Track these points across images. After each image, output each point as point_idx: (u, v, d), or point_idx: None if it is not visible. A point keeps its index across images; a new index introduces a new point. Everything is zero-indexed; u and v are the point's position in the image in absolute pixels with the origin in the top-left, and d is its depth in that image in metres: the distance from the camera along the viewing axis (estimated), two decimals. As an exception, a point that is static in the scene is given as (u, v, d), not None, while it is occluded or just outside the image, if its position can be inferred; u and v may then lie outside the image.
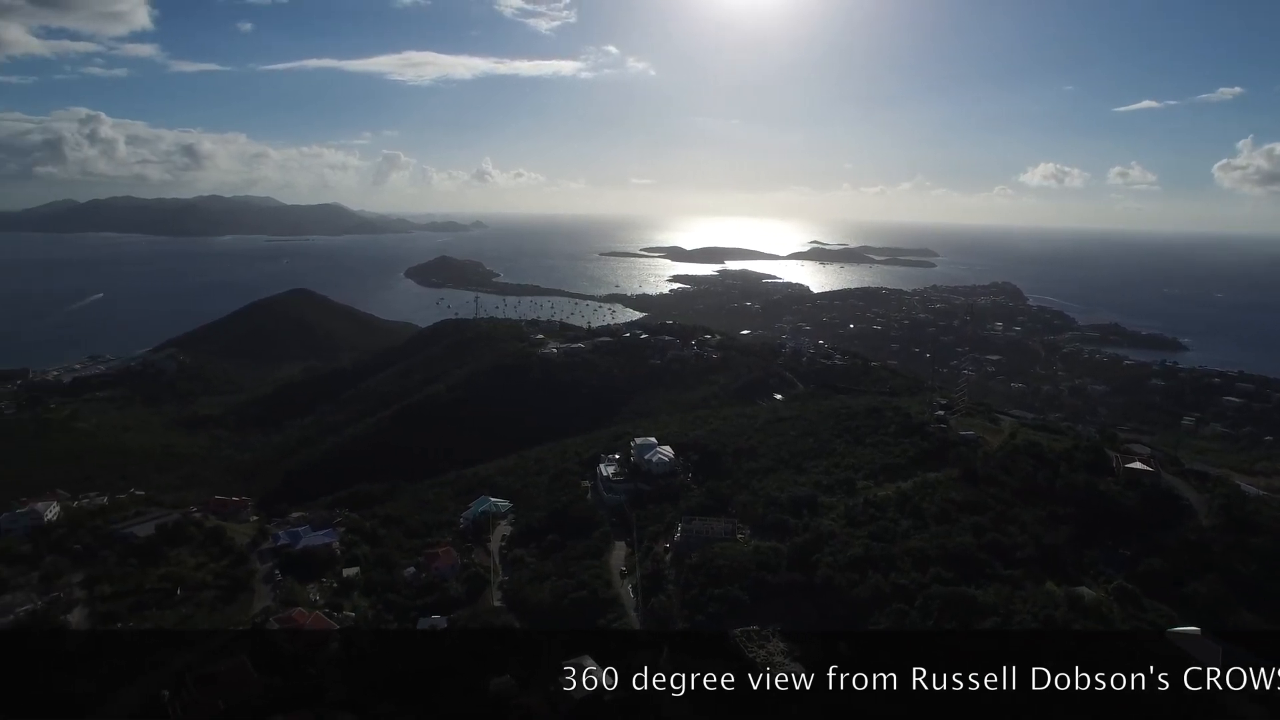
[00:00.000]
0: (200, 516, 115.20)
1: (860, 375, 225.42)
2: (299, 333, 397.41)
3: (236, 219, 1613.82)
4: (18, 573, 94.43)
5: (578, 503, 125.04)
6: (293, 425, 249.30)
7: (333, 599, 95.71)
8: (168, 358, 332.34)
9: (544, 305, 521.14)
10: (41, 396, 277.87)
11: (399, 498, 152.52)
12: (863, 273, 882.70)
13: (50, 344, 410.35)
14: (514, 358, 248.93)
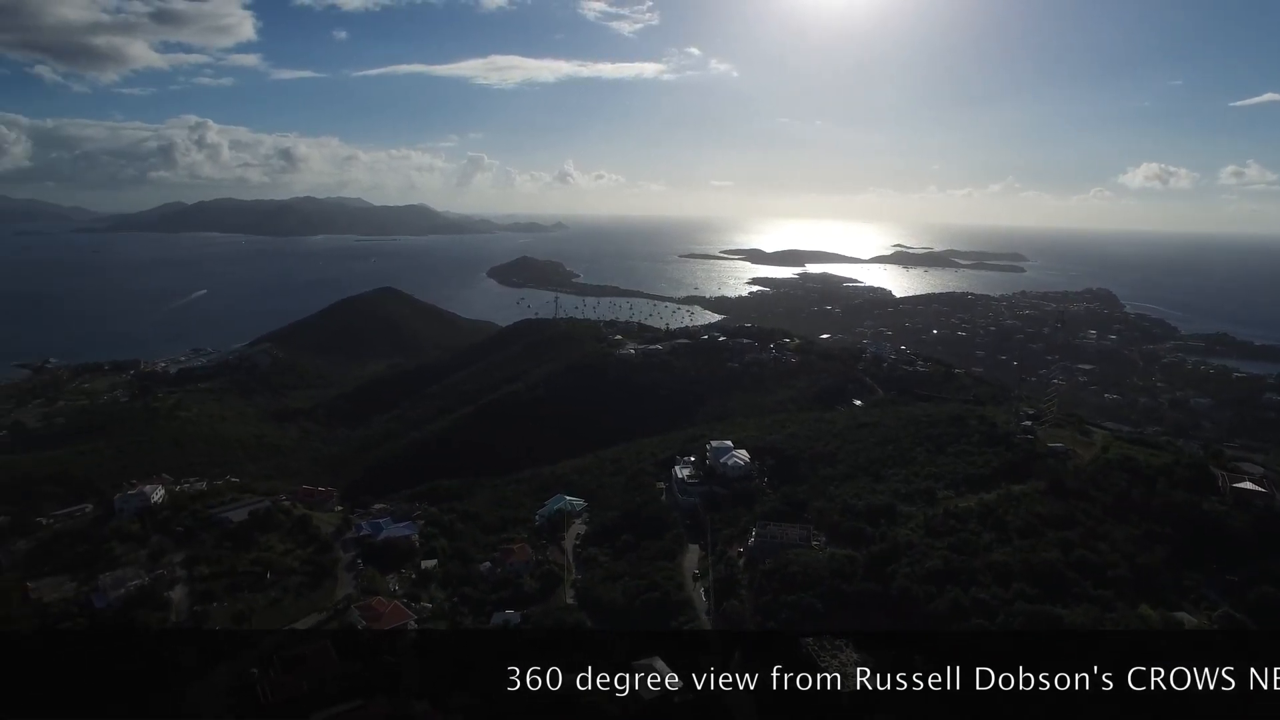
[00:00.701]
0: (289, 505, 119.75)
1: (943, 382, 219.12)
2: (385, 330, 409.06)
3: (329, 219, 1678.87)
4: (129, 550, 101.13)
5: (652, 504, 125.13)
6: (377, 420, 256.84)
7: (411, 590, 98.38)
8: (262, 352, 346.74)
9: (623, 306, 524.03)
10: (151, 386, 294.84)
11: (477, 493, 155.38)
12: (947, 277, 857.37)
13: (159, 337, 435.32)
14: (592, 358, 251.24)
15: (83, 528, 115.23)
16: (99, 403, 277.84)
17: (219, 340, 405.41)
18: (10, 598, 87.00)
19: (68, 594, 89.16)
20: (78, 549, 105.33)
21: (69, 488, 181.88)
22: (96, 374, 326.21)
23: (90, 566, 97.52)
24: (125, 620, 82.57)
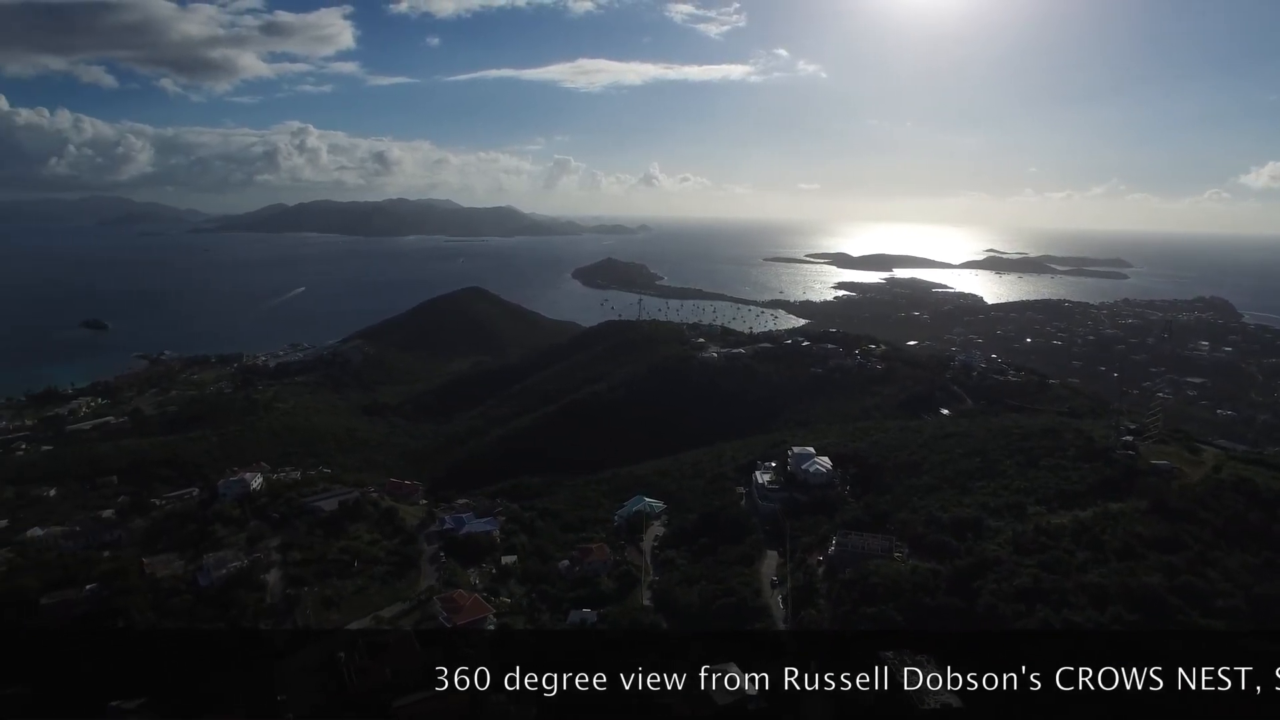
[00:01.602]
0: (377, 496, 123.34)
1: (1036, 393, 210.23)
2: (471, 329, 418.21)
3: (419, 220, 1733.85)
4: (230, 532, 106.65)
5: (731, 508, 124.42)
6: (462, 416, 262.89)
7: (491, 584, 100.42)
8: (354, 348, 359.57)
9: (706, 309, 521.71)
10: (252, 379, 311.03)
11: (557, 492, 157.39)
12: (1043, 284, 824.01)
13: (260, 332, 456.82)
14: (674, 360, 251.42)
15: (190, 510, 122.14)
16: (206, 393, 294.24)
17: (314, 336, 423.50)
18: (129, 571, 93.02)
19: (176, 571, 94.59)
20: (185, 529, 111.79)
21: (179, 471, 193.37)
22: (204, 366, 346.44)
23: (196, 546, 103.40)
24: (225, 598, 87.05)
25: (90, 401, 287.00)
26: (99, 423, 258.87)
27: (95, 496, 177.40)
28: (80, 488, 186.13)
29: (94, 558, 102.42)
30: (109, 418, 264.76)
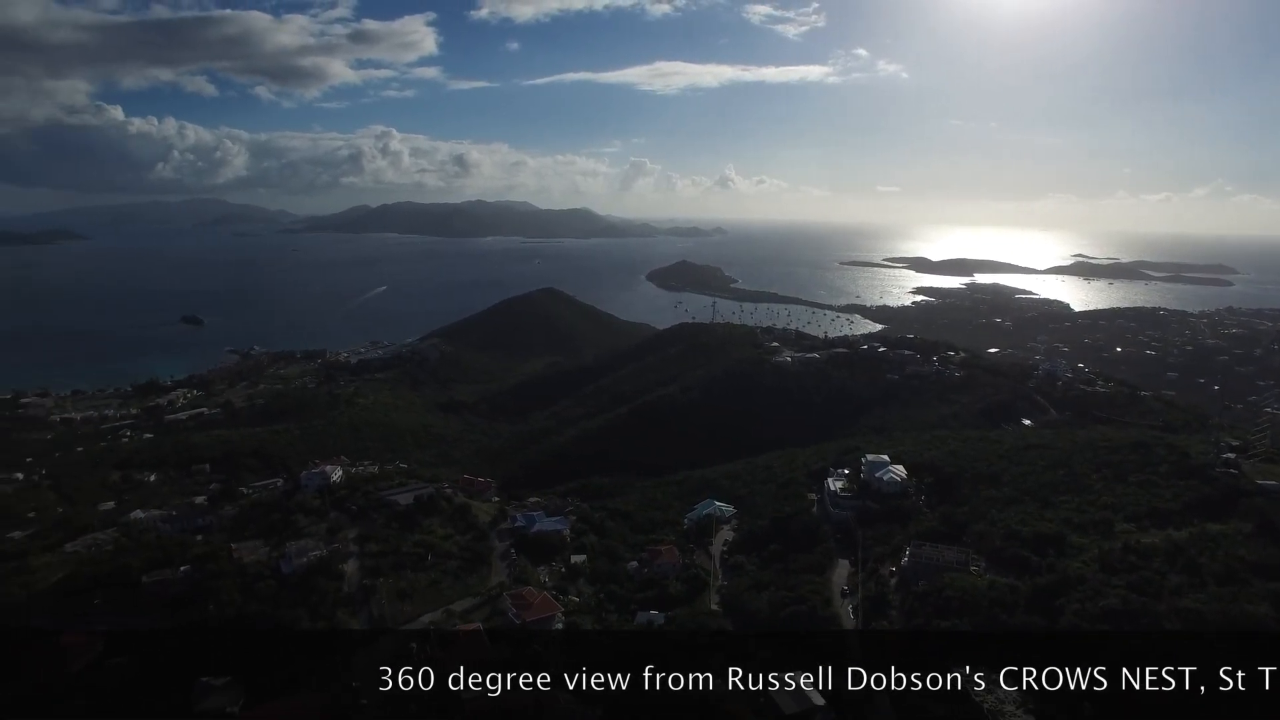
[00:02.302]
0: (450, 492, 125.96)
1: (1126, 405, 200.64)
2: (546, 329, 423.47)
3: (497, 222, 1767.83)
4: (311, 522, 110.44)
5: (803, 515, 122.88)
6: (535, 416, 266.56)
7: (560, 582, 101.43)
8: (432, 347, 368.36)
9: (780, 313, 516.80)
10: (334, 375, 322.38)
11: (628, 493, 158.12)
12: (1136, 291, 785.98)
13: (343, 330, 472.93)
14: (747, 364, 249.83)
15: (274, 499, 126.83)
16: (291, 388, 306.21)
17: (394, 334, 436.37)
18: (219, 556, 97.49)
19: (261, 557, 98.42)
20: (270, 518, 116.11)
21: (265, 462, 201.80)
22: (290, 361, 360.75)
23: (280, 534, 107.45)
24: (306, 585, 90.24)
25: (187, 393, 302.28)
26: (194, 413, 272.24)
27: (190, 483, 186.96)
28: (177, 474, 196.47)
29: (188, 541, 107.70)
30: (203, 409, 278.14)
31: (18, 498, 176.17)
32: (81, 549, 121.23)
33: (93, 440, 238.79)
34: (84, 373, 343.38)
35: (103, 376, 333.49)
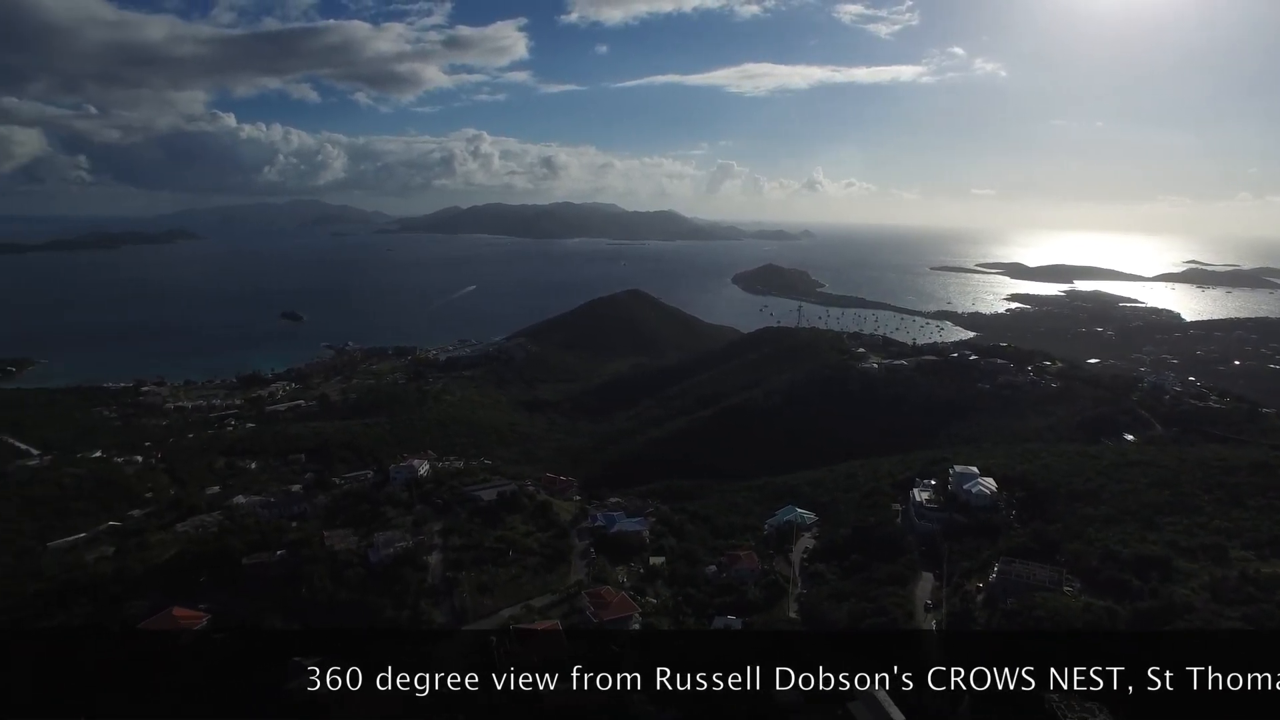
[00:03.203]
0: (533, 490, 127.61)
1: (1244, 422, 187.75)
2: (630, 330, 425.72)
3: (584, 223, 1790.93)
4: (398, 514, 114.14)
5: (886, 525, 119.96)
6: (618, 416, 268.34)
7: (638, 583, 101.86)
8: (518, 346, 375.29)
9: (868, 318, 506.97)
10: (423, 371, 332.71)
11: (708, 496, 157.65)
12: (1258, 300, 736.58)
13: (433, 328, 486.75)
14: (833, 369, 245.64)
15: (364, 490, 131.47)
16: (383, 383, 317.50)
17: (481, 333, 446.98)
18: (312, 542, 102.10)
19: (351, 545, 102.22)
20: (359, 508, 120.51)
21: (357, 454, 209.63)
22: (382, 358, 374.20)
23: (368, 524, 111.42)
24: (392, 575, 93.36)
25: (286, 386, 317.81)
26: (292, 405, 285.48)
27: (287, 471, 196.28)
28: (275, 463, 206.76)
29: (284, 526, 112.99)
30: (300, 401, 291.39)
31: (137, 478, 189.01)
32: (190, 529, 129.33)
33: (201, 428, 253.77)
34: (195, 364, 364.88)
35: (211, 368, 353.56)
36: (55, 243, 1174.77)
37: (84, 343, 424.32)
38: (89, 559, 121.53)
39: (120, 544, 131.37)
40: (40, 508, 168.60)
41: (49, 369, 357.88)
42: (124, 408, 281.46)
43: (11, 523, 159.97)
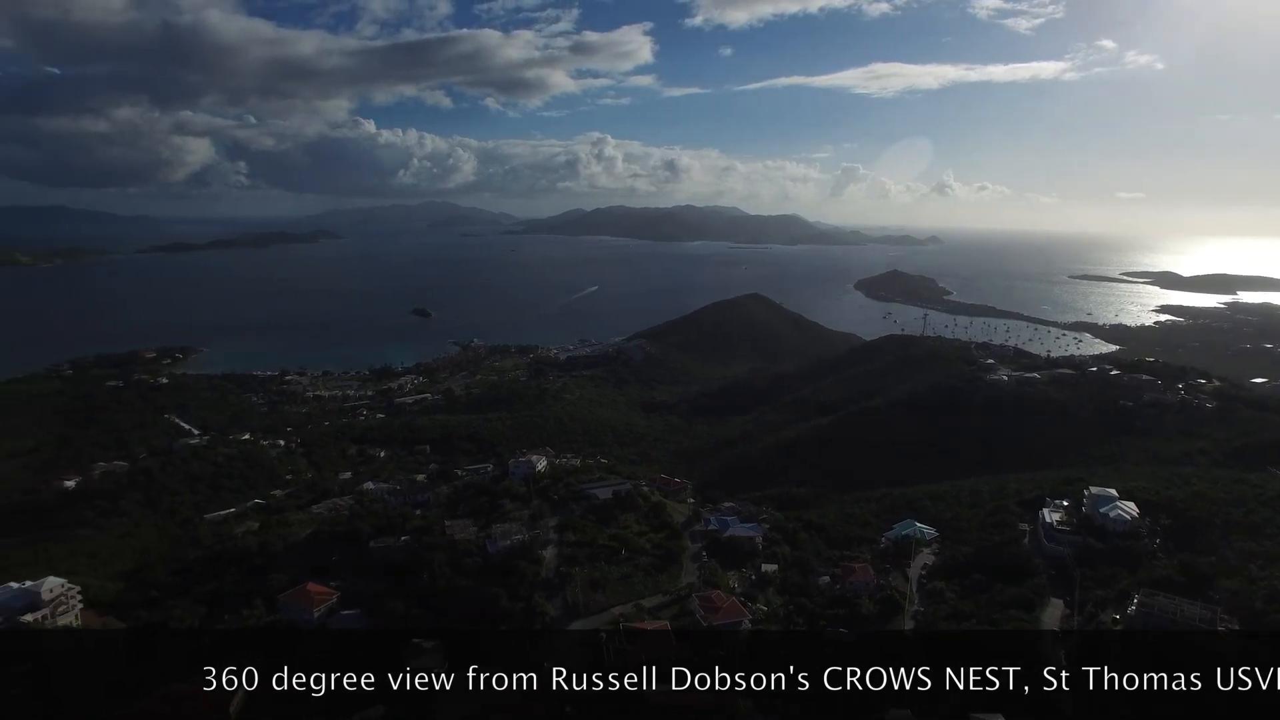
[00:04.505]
0: (647, 490, 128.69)
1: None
2: (750, 334, 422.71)
3: (705, 226, 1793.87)
4: (516, 508, 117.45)
5: (1012, 545, 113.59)
6: (735, 420, 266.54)
7: (749, 589, 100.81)
8: (637, 347, 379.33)
9: (998, 328, 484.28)
10: (544, 369, 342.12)
11: (824, 505, 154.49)
12: None
13: (554, 327, 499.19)
14: (959, 380, 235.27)
15: (484, 483, 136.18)
16: (505, 379, 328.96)
17: (601, 333, 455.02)
18: (434, 530, 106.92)
19: (470, 535, 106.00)
20: (479, 500, 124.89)
21: (478, 447, 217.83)
22: (505, 355, 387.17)
23: (487, 516, 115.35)
24: (507, 566, 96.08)
25: (414, 379, 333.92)
26: (419, 398, 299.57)
27: (413, 461, 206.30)
28: (402, 452, 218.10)
29: (409, 514, 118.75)
30: (427, 394, 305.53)
31: (280, 461, 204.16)
32: (324, 511, 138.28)
33: (337, 416, 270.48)
34: (333, 356, 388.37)
35: (347, 360, 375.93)
36: (217, 242, 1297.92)
37: (238, 333, 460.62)
38: (238, 532, 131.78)
39: (264, 520, 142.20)
40: (199, 483, 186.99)
41: (209, 357, 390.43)
42: (270, 395, 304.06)
43: (176, 494, 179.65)
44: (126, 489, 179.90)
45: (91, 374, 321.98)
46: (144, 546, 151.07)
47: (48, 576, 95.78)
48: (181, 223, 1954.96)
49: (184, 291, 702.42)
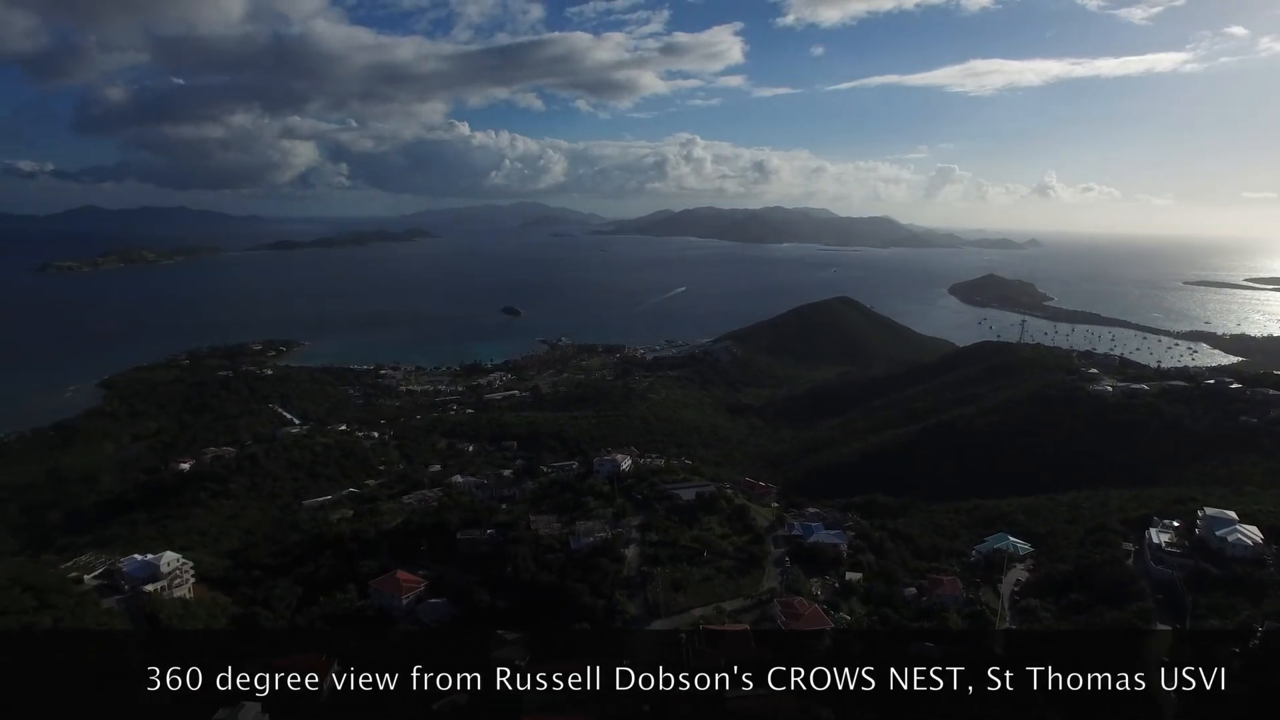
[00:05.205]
0: (731, 493, 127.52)
1: None
2: (838, 338, 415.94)
3: (794, 228, 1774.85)
4: (599, 506, 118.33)
5: (1114, 566, 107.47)
6: (821, 425, 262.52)
7: (832, 598, 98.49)
8: (724, 349, 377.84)
9: (1102, 336, 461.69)
10: (630, 369, 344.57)
11: (912, 514, 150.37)
12: None
13: (641, 327, 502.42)
14: (1059, 390, 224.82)
15: (569, 480, 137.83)
16: (591, 378, 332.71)
17: (688, 334, 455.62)
18: (519, 525, 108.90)
19: (554, 531, 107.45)
20: (563, 496, 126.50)
21: (564, 445, 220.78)
22: (592, 354, 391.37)
23: (571, 513, 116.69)
24: (589, 563, 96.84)
25: (502, 376, 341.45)
26: (507, 395, 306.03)
27: (500, 456, 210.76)
28: (490, 447, 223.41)
29: (495, 507, 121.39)
30: (515, 391, 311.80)
31: (373, 452, 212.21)
32: (414, 501, 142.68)
33: (428, 410, 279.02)
34: (425, 351, 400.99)
35: (438, 355, 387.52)
36: (320, 240, 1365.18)
37: (337, 328, 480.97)
38: (333, 518, 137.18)
39: (357, 508, 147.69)
40: (298, 470, 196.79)
41: (311, 350, 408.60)
42: (365, 388, 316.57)
43: (278, 480, 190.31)
44: (234, 473, 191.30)
45: (205, 364, 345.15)
46: (248, 527, 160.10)
47: (166, 551, 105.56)
48: (287, 222, 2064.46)
49: (289, 287, 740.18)
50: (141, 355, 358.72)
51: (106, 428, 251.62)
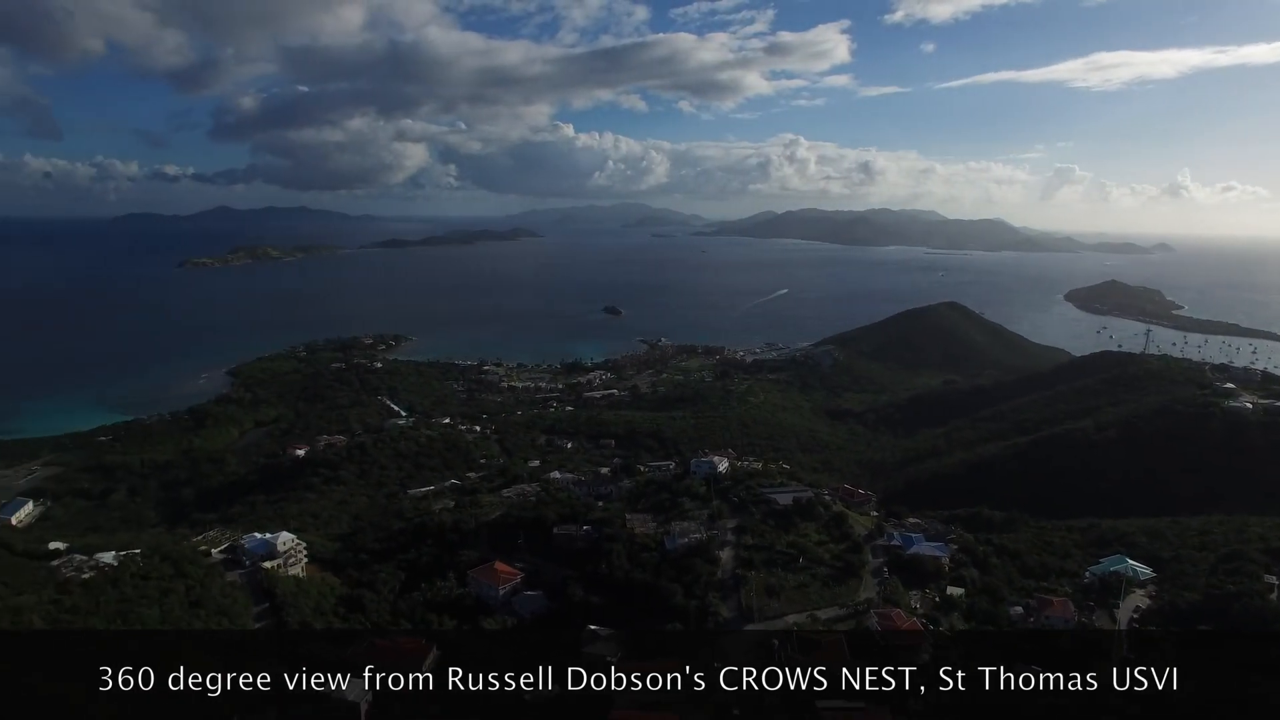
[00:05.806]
0: (829, 499, 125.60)
1: None
2: (944, 344, 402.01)
3: (901, 231, 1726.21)
4: (695, 507, 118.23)
5: (1252, 599, 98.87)
6: (924, 433, 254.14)
7: (931, 612, 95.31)
8: (825, 352, 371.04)
9: (1241, 349, 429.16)
10: (730, 371, 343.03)
11: (1019, 530, 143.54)
12: None
13: (742, 329, 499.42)
14: (1188, 405, 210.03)
15: (665, 480, 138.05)
16: (690, 379, 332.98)
17: (789, 337, 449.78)
18: (615, 523, 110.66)
19: (649, 530, 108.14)
20: (659, 496, 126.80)
21: (661, 444, 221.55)
22: (691, 355, 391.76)
23: (666, 513, 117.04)
24: (684, 564, 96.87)
25: (602, 374, 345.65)
26: (606, 393, 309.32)
27: (597, 454, 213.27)
28: (588, 445, 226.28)
29: (591, 504, 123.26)
30: (614, 390, 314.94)
31: (475, 445, 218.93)
32: (513, 495, 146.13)
33: (528, 406, 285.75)
34: (526, 348, 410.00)
35: (539, 353, 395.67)
36: (429, 239, 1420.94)
37: (443, 324, 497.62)
38: (435, 508, 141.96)
39: (458, 499, 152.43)
40: (404, 460, 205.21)
41: (418, 345, 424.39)
42: (468, 383, 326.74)
43: (385, 469, 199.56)
44: (344, 461, 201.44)
45: (320, 356, 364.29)
46: (356, 513, 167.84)
47: (282, 532, 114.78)
48: (399, 221, 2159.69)
49: (399, 283, 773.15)
50: (264, 345, 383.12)
51: (233, 413, 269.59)
